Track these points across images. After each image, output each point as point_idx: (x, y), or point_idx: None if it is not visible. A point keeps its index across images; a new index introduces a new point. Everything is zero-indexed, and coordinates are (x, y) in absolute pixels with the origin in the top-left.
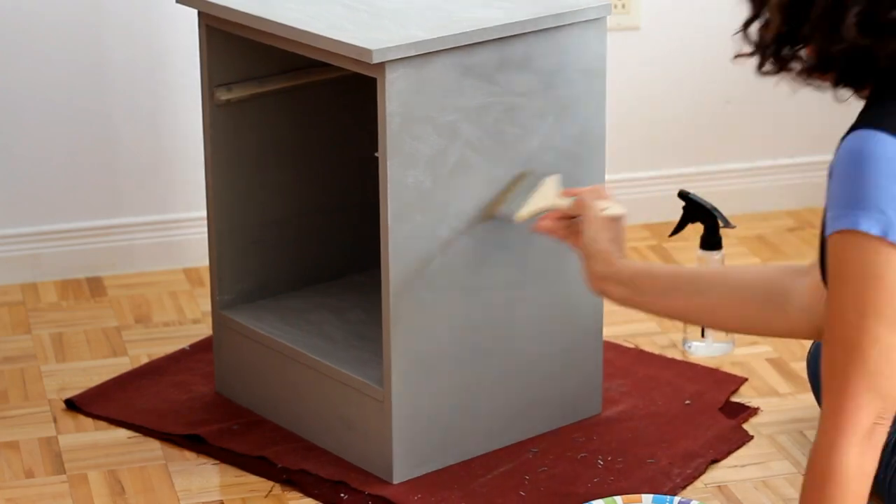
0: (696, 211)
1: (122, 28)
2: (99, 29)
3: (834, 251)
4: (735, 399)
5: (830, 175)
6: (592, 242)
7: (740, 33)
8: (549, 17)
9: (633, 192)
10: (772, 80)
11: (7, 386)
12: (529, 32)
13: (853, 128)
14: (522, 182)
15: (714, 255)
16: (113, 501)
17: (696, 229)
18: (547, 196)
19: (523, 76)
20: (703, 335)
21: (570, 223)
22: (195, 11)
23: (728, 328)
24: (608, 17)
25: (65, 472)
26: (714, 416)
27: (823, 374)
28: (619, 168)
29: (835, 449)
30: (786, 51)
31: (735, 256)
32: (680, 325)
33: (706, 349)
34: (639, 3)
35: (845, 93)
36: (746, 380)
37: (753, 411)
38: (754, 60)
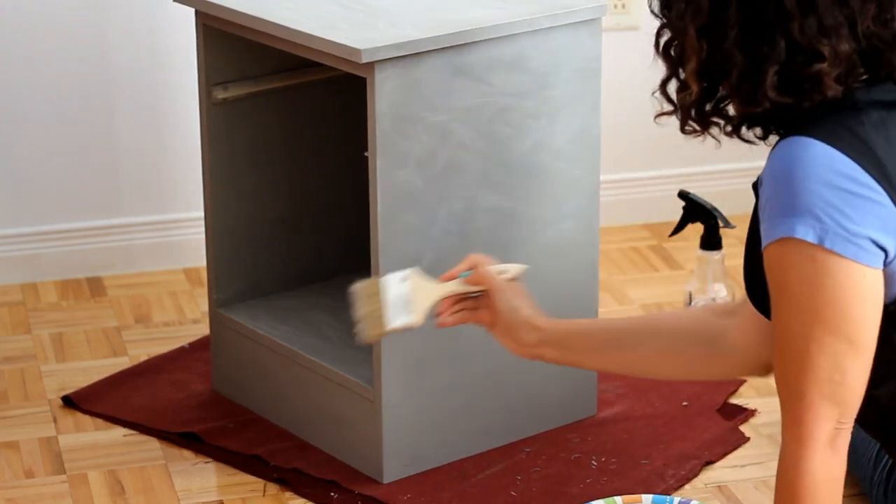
0: (696, 211)
1: (122, 28)
2: (98, 29)
3: (772, 262)
4: (734, 399)
5: (759, 186)
6: (513, 312)
7: (658, 93)
8: (542, 18)
9: (633, 192)
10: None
11: (7, 386)
12: (522, 33)
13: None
14: (381, 288)
15: (714, 255)
16: (113, 501)
17: (696, 229)
18: (428, 289)
19: (516, 76)
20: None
21: (469, 303)
22: (193, 11)
23: (666, 377)
24: (607, 18)
25: (65, 472)
26: (711, 418)
27: (778, 387)
28: (619, 168)
29: (799, 461)
30: (708, 108)
31: (735, 256)
32: None
33: None
34: (638, 2)
35: (775, 138)
36: (745, 381)
37: (751, 413)
38: (676, 120)
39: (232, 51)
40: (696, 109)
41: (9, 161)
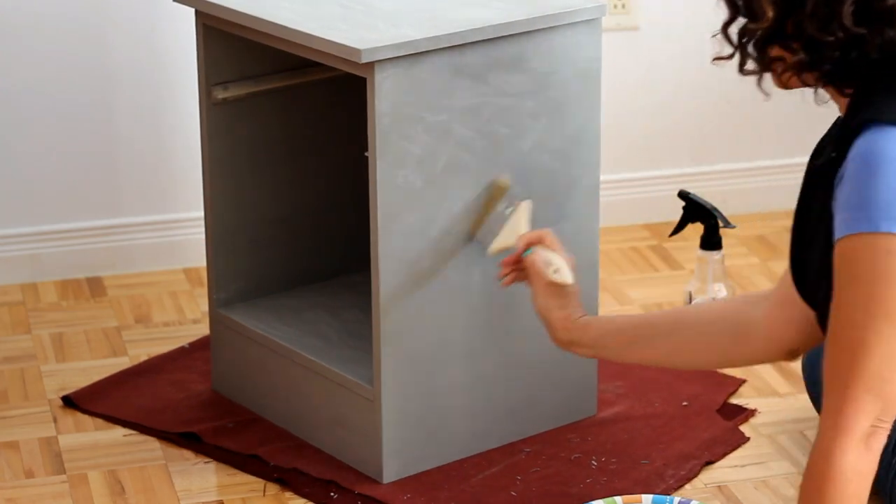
0: (696, 211)
1: (122, 28)
2: (98, 29)
3: (846, 252)
4: (735, 399)
5: (839, 181)
6: (545, 311)
7: (720, 35)
8: (541, 18)
9: (633, 192)
10: (771, 82)
11: (7, 386)
12: (522, 33)
13: (861, 122)
14: (497, 200)
15: (714, 255)
16: (113, 501)
17: (696, 229)
18: (517, 229)
19: (516, 77)
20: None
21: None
22: (193, 11)
23: (697, 367)
24: (607, 18)
25: (65, 472)
26: (711, 418)
27: (826, 374)
28: (619, 168)
29: (833, 450)
30: (772, 49)
31: (735, 256)
32: None
33: None
34: (638, 3)
35: (824, 95)
36: (745, 381)
37: (751, 413)
38: (735, 61)
39: (232, 51)
40: (763, 42)
41: (9, 161)
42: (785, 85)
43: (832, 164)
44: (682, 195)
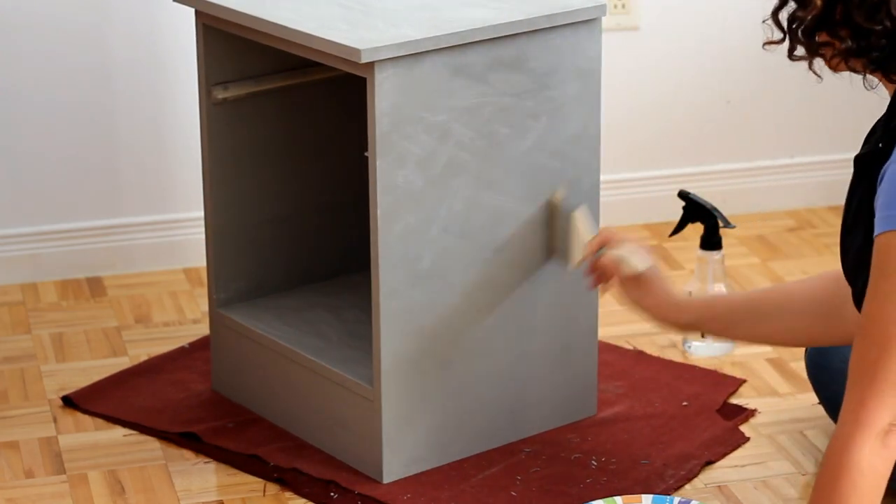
0: (696, 211)
1: (122, 28)
2: (98, 29)
3: (881, 248)
4: (735, 399)
5: (881, 180)
6: (635, 304)
7: (770, 20)
8: (541, 18)
9: (633, 192)
10: (772, 81)
11: (7, 386)
12: (522, 33)
13: None
14: (558, 214)
15: (714, 255)
16: (113, 501)
17: (696, 229)
18: (583, 238)
19: (516, 76)
20: (702, 335)
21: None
22: (193, 11)
23: (794, 345)
24: (607, 18)
25: (65, 472)
26: (711, 418)
27: (851, 367)
28: (619, 168)
29: (850, 443)
30: (820, 35)
31: (735, 256)
32: None
33: (706, 349)
34: (639, 3)
35: (872, 80)
36: (745, 381)
37: (751, 413)
38: (785, 46)
39: (232, 51)
40: (812, 29)
41: (9, 161)
42: (834, 69)
43: (878, 155)
44: (682, 195)
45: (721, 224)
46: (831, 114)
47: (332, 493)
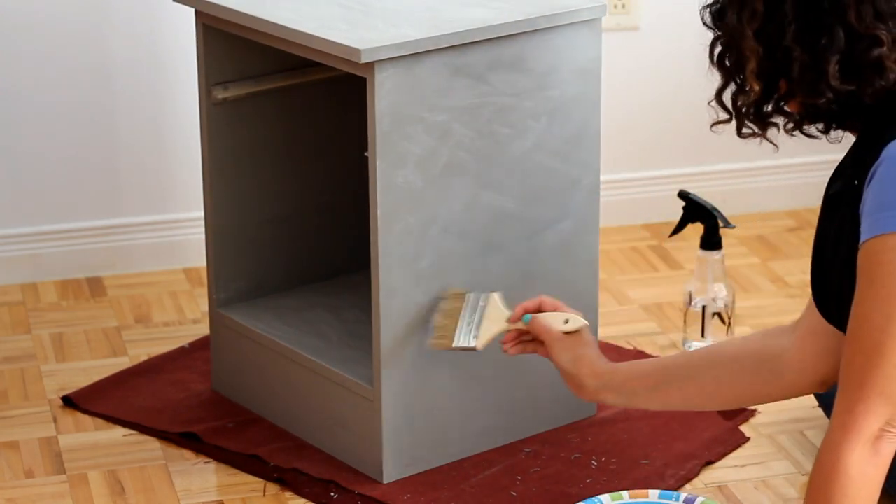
0: (696, 211)
1: (122, 28)
2: (98, 29)
3: (868, 254)
4: None
5: (868, 183)
6: (568, 365)
7: (714, 102)
8: (541, 18)
9: (633, 192)
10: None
11: (7, 386)
12: (522, 33)
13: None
14: (464, 305)
15: (714, 255)
16: (113, 501)
17: (696, 229)
18: (497, 319)
19: (516, 76)
20: (703, 335)
21: (531, 337)
22: (193, 11)
23: (727, 407)
24: (607, 18)
25: (65, 472)
26: (711, 418)
27: (841, 373)
28: (619, 168)
29: (839, 449)
30: (767, 109)
31: (735, 256)
32: (680, 324)
33: None
34: (639, 3)
35: (837, 134)
36: None
37: (751, 413)
38: (733, 125)
39: (232, 51)
40: (756, 110)
41: (9, 161)
42: (791, 134)
43: (853, 190)
44: (682, 195)
45: (721, 224)
46: None
47: (332, 493)
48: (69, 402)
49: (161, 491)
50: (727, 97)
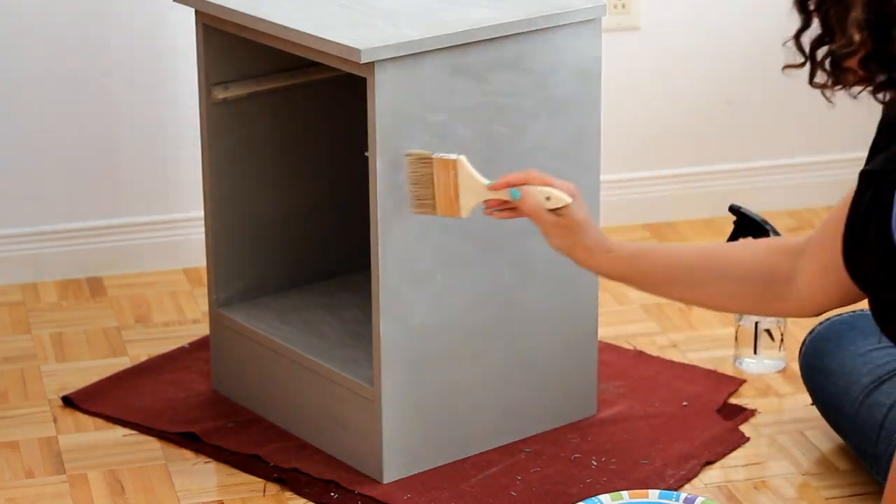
0: (748, 226)
1: (122, 28)
2: (98, 29)
3: None
4: (735, 400)
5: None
6: (566, 251)
7: (792, 43)
8: (541, 18)
9: (633, 192)
10: (773, 81)
11: (7, 386)
12: (522, 33)
13: None
14: (434, 170)
15: None
16: (113, 501)
17: (692, 227)
18: (475, 188)
19: (515, 76)
20: (755, 352)
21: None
22: (193, 11)
23: (726, 311)
24: (607, 18)
25: (65, 472)
26: (711, 418)
27: None
28: (619, 168)
29: None
30: (850, 68)
31: None
32: (681, 325)
33: (757, 366)
34: (639, 3)
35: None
36: (745, 381)
37: (751, 413)
38: (805, 70)
39: (232, 51)
40: (840, 61)
41: (9, 161)
42: (850, 89)
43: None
44: (734, 209)
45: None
46: (832, 114)
47: (332, 493)
48: (69, 402)
49: (161, 491)
50: (805, 42)
